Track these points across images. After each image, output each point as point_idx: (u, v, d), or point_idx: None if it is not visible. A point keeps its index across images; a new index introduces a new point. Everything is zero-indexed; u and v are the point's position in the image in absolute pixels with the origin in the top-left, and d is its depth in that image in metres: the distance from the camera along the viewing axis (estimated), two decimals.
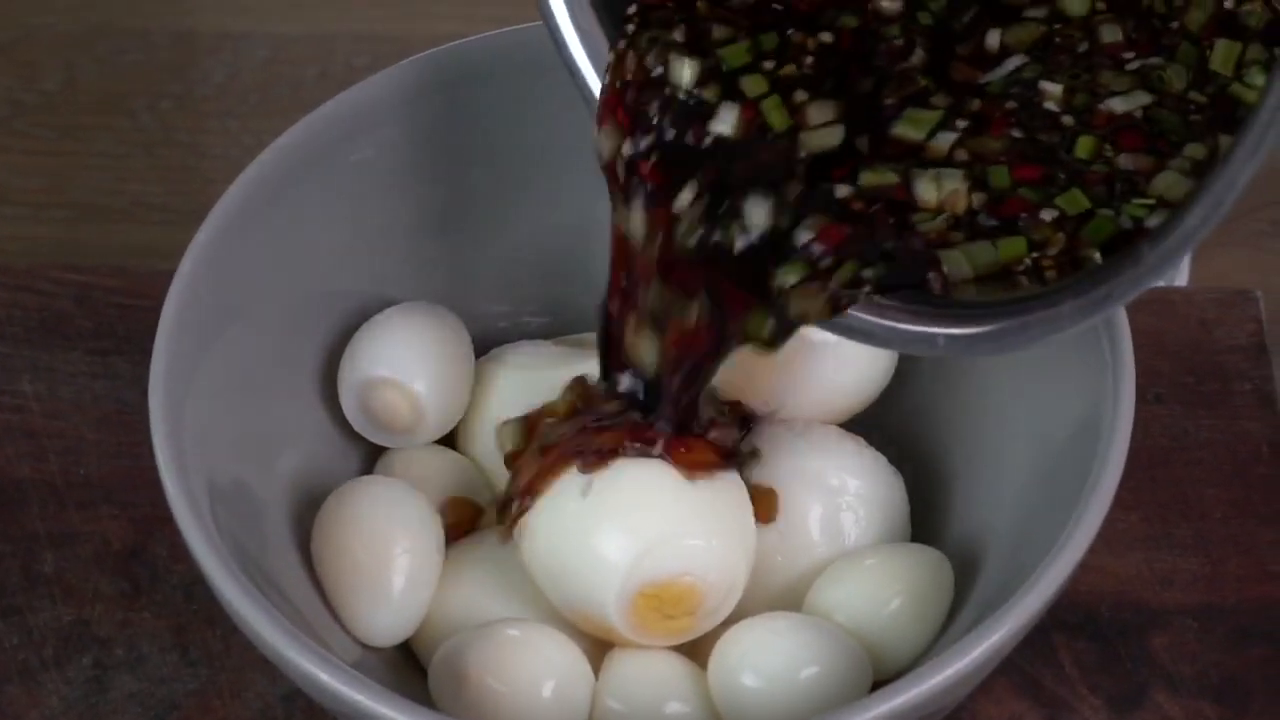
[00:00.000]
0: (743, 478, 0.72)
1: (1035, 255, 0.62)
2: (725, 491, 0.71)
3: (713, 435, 0.70)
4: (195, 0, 1.27)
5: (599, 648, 0.71)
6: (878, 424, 0.77)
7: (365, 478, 0.75)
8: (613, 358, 0.69)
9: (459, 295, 0.80)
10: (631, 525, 0.69)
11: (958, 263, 0.63)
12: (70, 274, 0.89)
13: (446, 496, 0.75)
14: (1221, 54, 0.64)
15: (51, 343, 0.86)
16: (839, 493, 0.73)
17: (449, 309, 0.79)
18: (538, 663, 0.69)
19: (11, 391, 0.84)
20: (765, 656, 0.69)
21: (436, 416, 0.77)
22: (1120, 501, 0.66)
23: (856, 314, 0.64)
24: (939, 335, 0.63)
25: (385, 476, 0.76)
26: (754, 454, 0.72)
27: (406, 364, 0.76)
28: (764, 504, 0.72)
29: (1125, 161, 0.63)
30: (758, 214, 0.65)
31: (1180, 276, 1.12)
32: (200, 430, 0.70)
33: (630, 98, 0.67)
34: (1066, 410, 0.72)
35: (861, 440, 0.75)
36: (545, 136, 0.81)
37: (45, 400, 0.84)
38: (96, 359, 0.86)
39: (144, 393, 0.69)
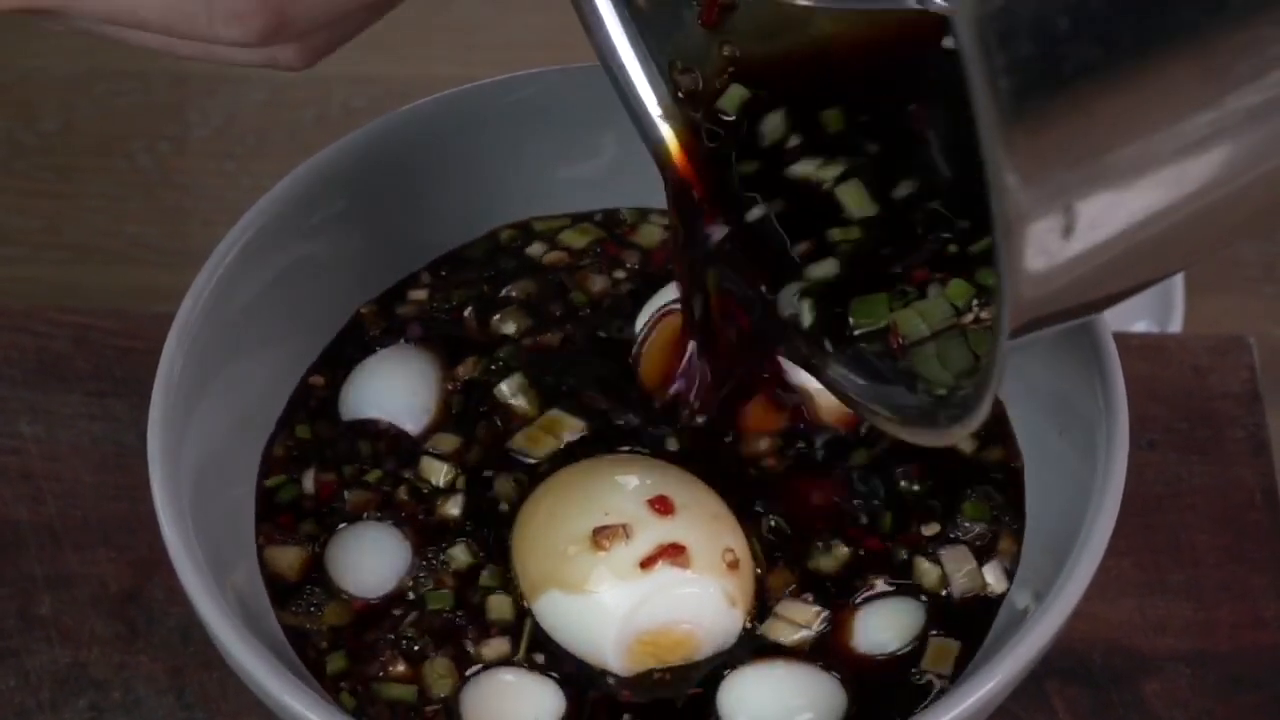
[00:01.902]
0: None
1: (981, 303, 0.66)
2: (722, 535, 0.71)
3: None
4: None
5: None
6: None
7: (358, 522, 0.75)
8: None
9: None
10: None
11: (911, 321, 0.66)
12: (68, 315, 0.89)
13: None
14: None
15: (49, 385, 0.86)
16: None
17: (442, 347, 0.79)
18: (530, 708, 0.69)
19: (9, 433, 0.85)
20: (760, 701, 0.69)
21: None
22: (1113, 548, 0.66)
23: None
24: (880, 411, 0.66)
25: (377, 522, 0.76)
26: None
27: (397, 406, 0.77)
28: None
29: None
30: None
31: (1174, 323, 1.13)
32: (197, 473, 0.71)
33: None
34: (1059, 458, 0.72)
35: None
36: (539, 181, 0.82)
37: (43, 442, 0.84)
38: (94, 401, 0.86)
39: (141, 435, 0.69)
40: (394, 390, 0.77)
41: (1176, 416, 0.85)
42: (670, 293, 0.78)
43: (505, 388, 0.77)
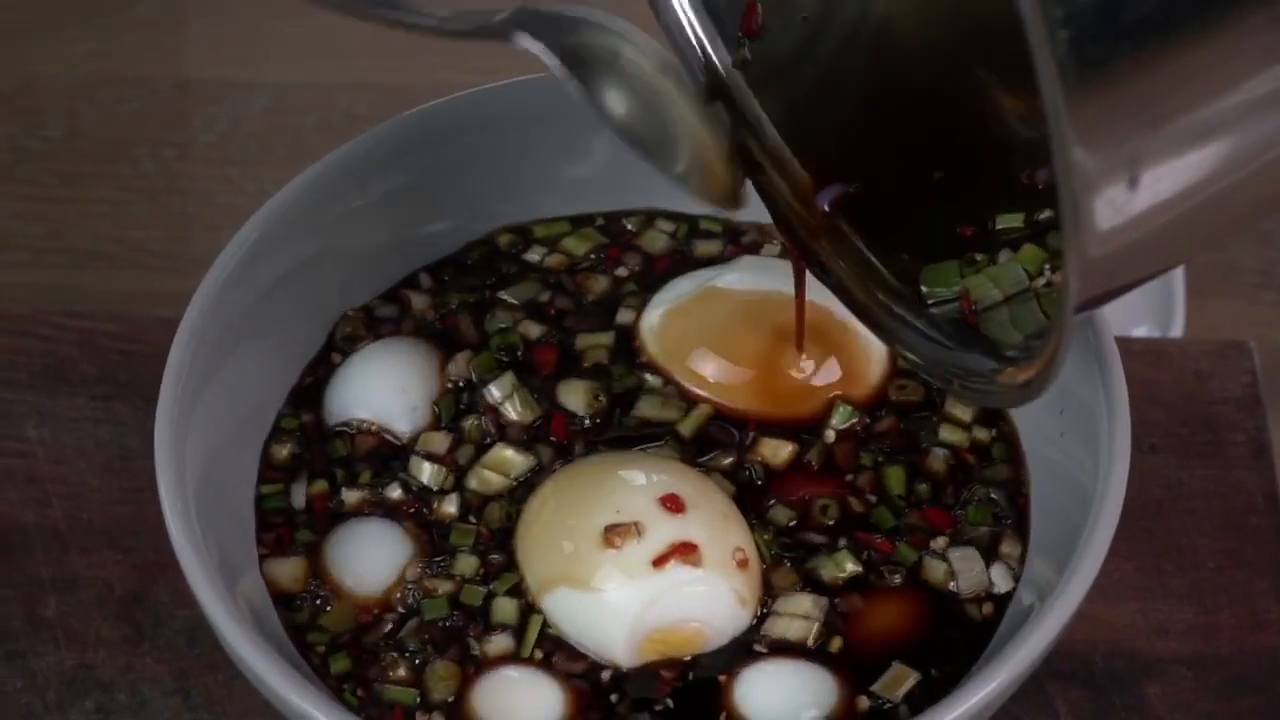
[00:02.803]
0: None
1: (1053, 267, 0.66)
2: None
3: None
4: (197, 50, 1.27)
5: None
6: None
7: (358, 518, 0.75)
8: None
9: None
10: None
11: (983, 286, 0.67)
12: (72, 320, 0.89)
13: None
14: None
15: (55, 388, 0.86)
16: None
17: (436, 345, 0.80)
18: (536, 705, 0.70)
19: (16, 437, 0.85)
20: (767, 700, 0.69)
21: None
22: (1115, 551, 0.67)
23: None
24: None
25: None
26: None
27: (385, 405, 0.77)
28: None
29: None
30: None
31: (1175, 328, 1.13)
32: (202, 477, 0.71)
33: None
34: (1061, 462, 0.72)
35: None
36: (540, 183, 0.82)
37: (49, 445, 0.85)
38: (99, 404, 0.86)
39: (146, 438, 0.70)
40: (386, 391, 0.78)
41: (1177, 421, 0.85)
42: (674, 287, 0.79)
43: (495, 390, 0.77)
